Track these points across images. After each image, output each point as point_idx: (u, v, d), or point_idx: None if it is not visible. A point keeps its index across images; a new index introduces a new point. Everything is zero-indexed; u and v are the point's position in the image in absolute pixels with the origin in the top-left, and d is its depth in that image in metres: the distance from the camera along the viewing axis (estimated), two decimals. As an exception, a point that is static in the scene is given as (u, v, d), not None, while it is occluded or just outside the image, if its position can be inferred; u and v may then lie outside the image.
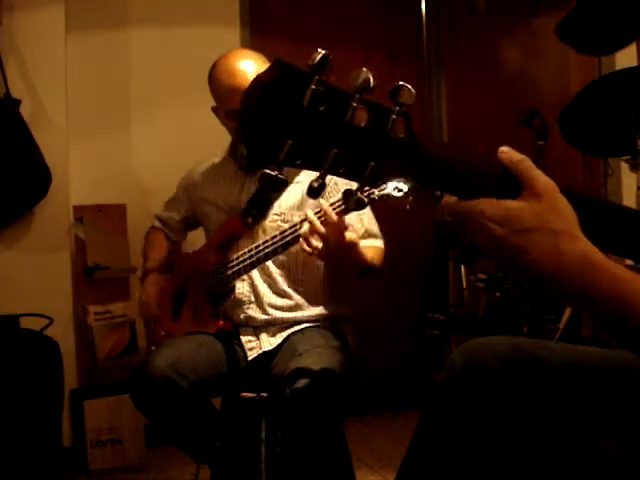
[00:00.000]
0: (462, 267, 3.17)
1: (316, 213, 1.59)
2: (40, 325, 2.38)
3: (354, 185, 0.73)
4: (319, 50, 0.68)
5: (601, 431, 0.89)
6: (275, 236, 1.75)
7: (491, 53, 3.76)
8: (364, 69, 0.69)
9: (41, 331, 2.37)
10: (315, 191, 0.70)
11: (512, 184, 0.76)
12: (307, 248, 1.61)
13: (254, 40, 3.18)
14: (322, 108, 0.67)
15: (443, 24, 3.66)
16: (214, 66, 1.90)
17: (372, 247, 1.85)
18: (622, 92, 2.33)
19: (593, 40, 2.31)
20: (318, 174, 0.71)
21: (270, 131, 0.68)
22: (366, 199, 0.73)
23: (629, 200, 3.07)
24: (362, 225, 1.86)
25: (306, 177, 1.88)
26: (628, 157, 2.47)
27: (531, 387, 0.90)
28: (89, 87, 2.94)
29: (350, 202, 0.72)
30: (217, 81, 1.88)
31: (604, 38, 2.27)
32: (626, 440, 0.88)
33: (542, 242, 0.73)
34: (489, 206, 0.74)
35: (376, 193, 1.48)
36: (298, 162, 0.69)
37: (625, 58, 2.80)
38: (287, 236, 1.73)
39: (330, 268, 1.92)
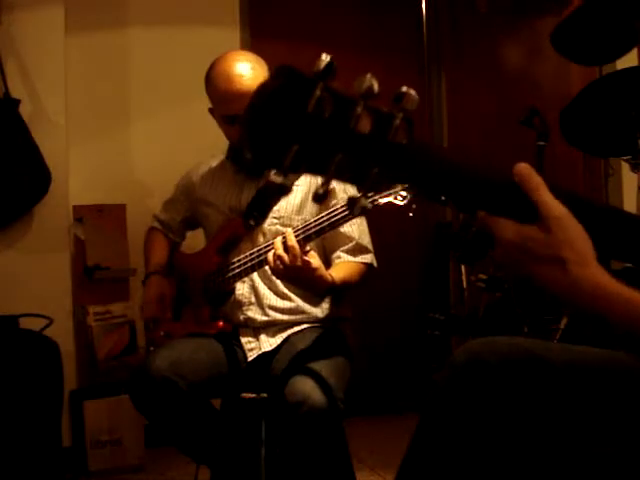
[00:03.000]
0: (462, 267, 3.17)
1: (296, 231, 1.64)
2: (40, 325, 2.37)
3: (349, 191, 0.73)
4: (324, 56, 0.67)
5: (600, 431, 0.89)
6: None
7: (492, 53, 3.76)
8: (368, 75, 0.68)
9: (41, 331, 2.36)
10: (320, 197, 0.71)
11: (530, 208, 0.77)
12: (270, 268, 1.66)
13: (254, 41, 3.18)
14: (327, 114, 0.68)
15: (444, 24, 3.66)
16: (210, 69, 1.89)
17: (352, 265, 1.87)
18: (623, 92, 2.33)
19: (588, 51, 2.30)
20: (322, 180, 0.71)
21: (275, 137, 0.68)
22: (370, 205, 0.73)
23: (630, 200, 3.07)
24: (352, 239, 1.88)
25: (305, 181, 1.89)
26: (629, 157, 2.47)
27: (531, 387, 0.91)
28: (89, 87, 2.94)
29: (354, 209, 0.72)
30: (213, 85, 1.87)
31: (599, 49, 2.27)
32: (625, 440, 0.88)
33: (553, 273, 0.76)
34: (509, 230, 0.77)
35: (379, 201, 1.49)
36: (303, 168, 0.69)
37: (625, 58, 2.80)
38: None
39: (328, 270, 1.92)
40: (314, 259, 1.65)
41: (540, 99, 3.29)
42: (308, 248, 1.65)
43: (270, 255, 1.65)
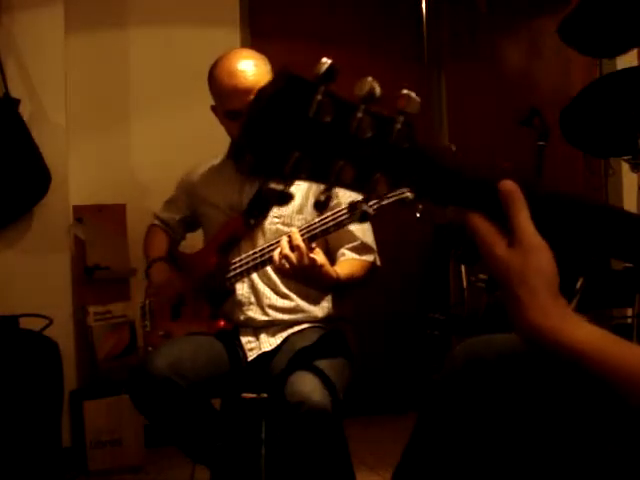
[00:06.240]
0: (462, 267, 3.17)
1: (300, 230, 1.63)
2: (40, 325, 2.38)
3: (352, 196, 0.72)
4: (324, 60, 0.66)
5: (599, 429, 0.89)
6: (278, 241, 1.75)
7: (492, 53, 3.76)
8: (369, 78, 0.67)
9: (41, 331, 2.36)
10: (322, 205, 0.70)
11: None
12: (276, 267, 1.66)
13: (254, 41, 3.18)
14: (328, 119, 0.66)
15: (444, 24, 3.66)
16: (214, 65, 1.90)
17: (355, 261, 1.86)
18: (623, 92, 2.33)
19: (596, 42, 2.30)
20: (323, 187, 0.69)
21: (276, 143, 0.66)
22: (372, 212, 0.72)
23: (630, 200, 3.07)
24: (357, 237, 1.87)
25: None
26: (629, 157, 2.47)
27: (531, 384, 0.91)
28: (89, 87, 2.94)
29: (355, 215, 0.72)
30: (217, 81, 1.88)
31: (607, 40, 2.26)
32: (624, 438, 0.88)
33: (512, 305, 0.77)
34: (489, 244, 0.78)
35: (383, 202, 1.49)
36: (303, 176, 0.68)
37: (626, 58, 2.80)
38: None
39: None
40: (319, 256, 1.64)
41: (540, 99, 3.29)
42: (314, 245, 1.63)
43: (276, 254, 1.64)
